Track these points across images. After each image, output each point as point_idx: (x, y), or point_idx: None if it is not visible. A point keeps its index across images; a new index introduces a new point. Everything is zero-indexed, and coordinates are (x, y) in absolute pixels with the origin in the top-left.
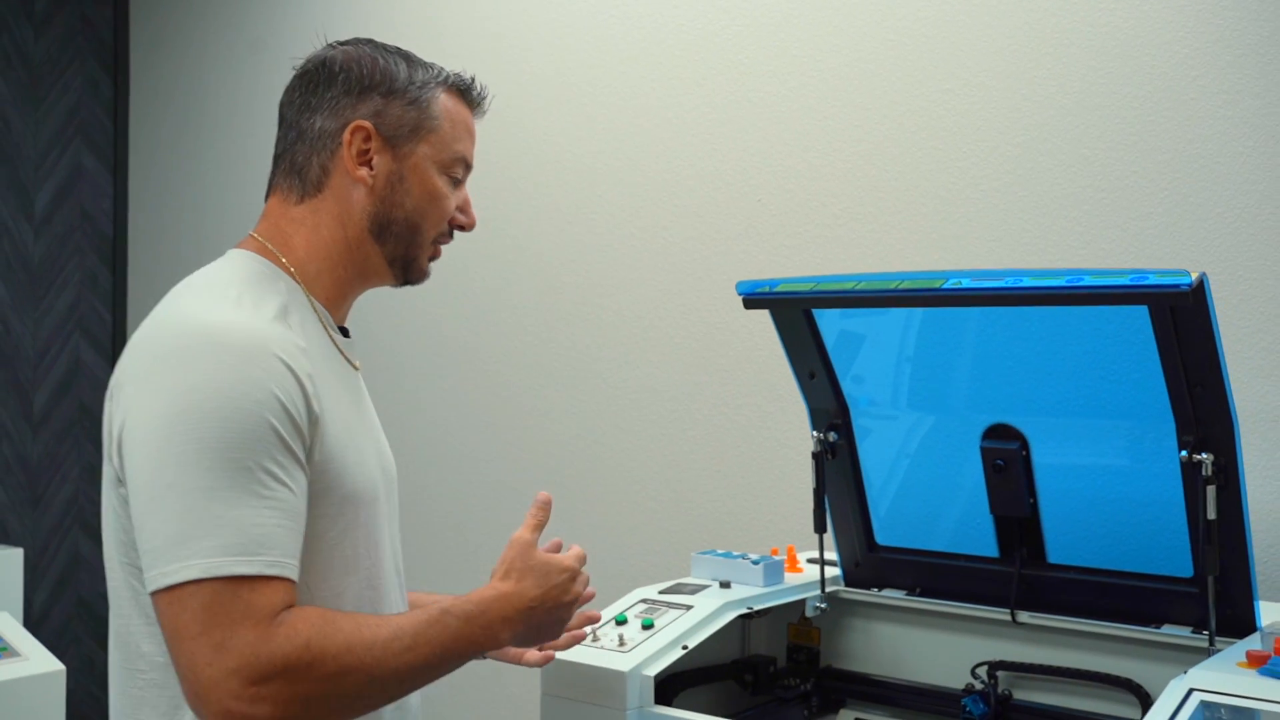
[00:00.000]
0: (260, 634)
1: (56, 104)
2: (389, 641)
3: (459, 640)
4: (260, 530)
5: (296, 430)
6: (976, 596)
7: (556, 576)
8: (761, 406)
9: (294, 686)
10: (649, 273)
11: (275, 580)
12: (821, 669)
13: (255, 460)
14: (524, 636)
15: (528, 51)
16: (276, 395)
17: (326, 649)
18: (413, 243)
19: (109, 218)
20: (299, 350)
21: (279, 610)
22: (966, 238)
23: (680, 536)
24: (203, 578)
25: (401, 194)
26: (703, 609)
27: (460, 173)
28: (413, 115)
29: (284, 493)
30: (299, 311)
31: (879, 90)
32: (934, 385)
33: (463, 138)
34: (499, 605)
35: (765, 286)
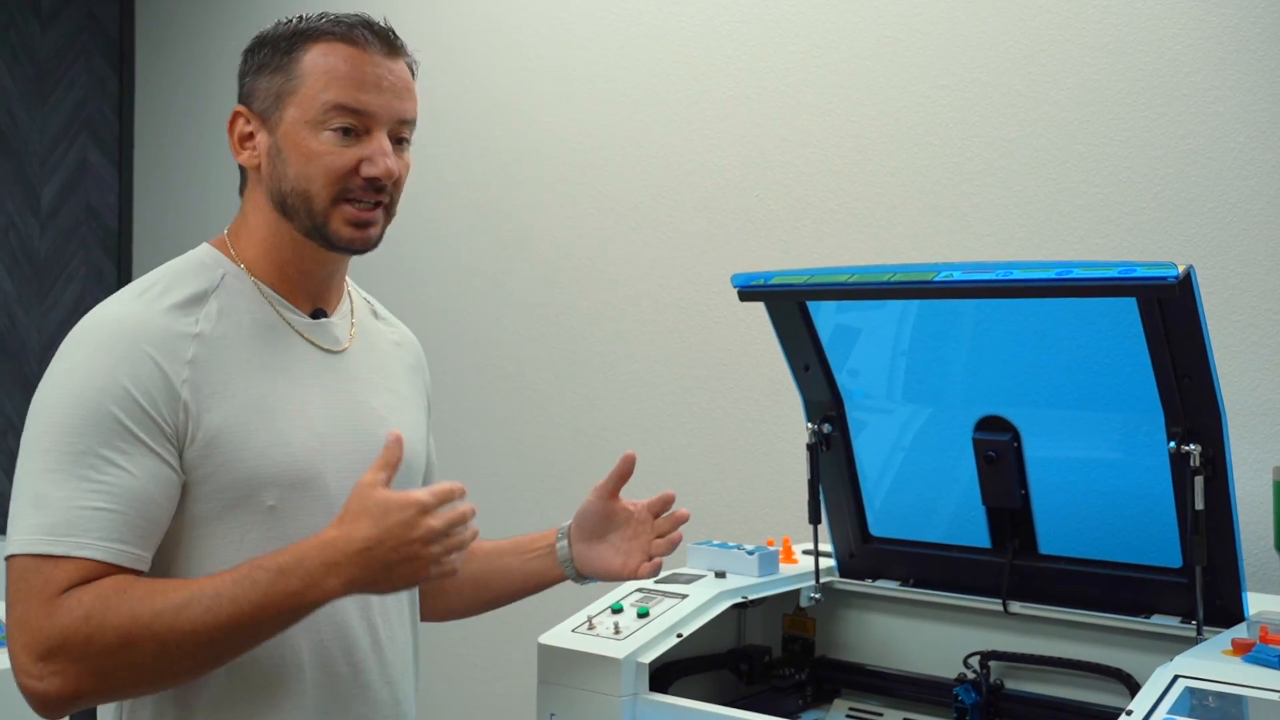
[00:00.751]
0: (45, 610)
1: (62, 100)
2: (182, 606)
3: (272, 594)
4: (75, 513)
5: (149, 418)
6: (969, 587)
7: (398, 513)
8: (757, 400)
9: (78, 661)
10: (645, 266)
11: (79, 561)
12: (816, 659)
13: (89, 446)
14: (372, 581)
15: (525, 45)
16: (123, 385)
17: (107, 620)
18: (312, 211)
19: (114, 213)
20: (184, 338)
21: (72, 585)
22: (961, 232)
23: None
24: (16, 554)
25: (282, 165)
26: (698, 598)
27: (344, 120)
28: (277, 82)
29: (117, 476)
30: (233, 297)
31: (875, 87)
32: (927, 378)
33: (333, 85)
34: (319, 552)
35: (760, 279)
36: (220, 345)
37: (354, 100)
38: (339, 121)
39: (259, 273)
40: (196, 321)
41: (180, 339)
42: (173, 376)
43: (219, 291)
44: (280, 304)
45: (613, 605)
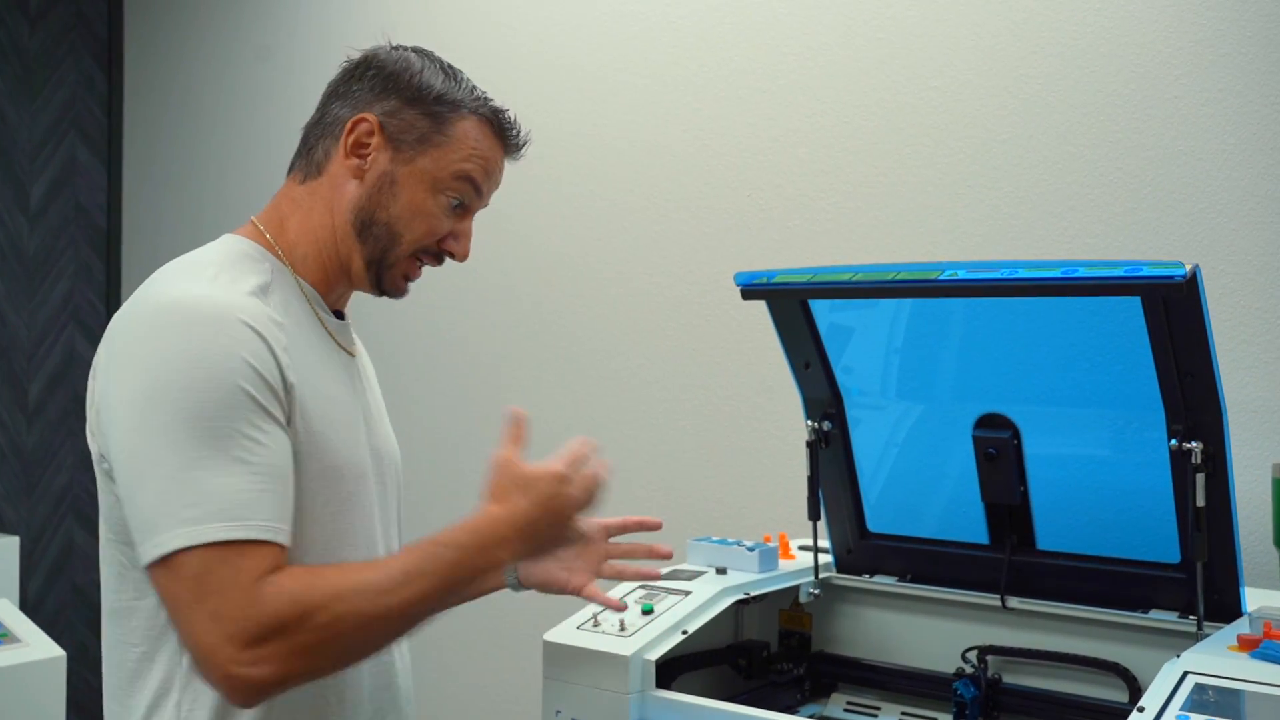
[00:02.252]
0: (248, 597)
1: (51, 98)
2: (381, 581)
3: (456, 568)
4: (244, 495)
5: (272, 393)
6: (967, 582)
7: (546, 486)
8: (751, 398)
9: (290, 641)
10: (639, 265)
11: (263, 545)
12: (813, 654)
13: (232, 426)
14: (530, 551)
15: (519, 45)
16: (247, 360)
17: (314, 599)
18: (390, 249)
19: (103, 211)
20: (273, 323)
21: (265, 573)
22: (954, 231)
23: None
24: (191, 545)
25: (389, 196)
26: (701, 594)
27: (463, 195)
28: (425, 124)
29: (265, 454)
30: (282, 291)
31: (868, 87)
32: (926, 375)
33: (473, 162)
34: (492, 528)
35: (763, 277)
36: (295, 337)
37: (482, 183)
38: (458, 194)
39: (303, 270)
40: (273, 310)
41: (274, 325)
42: (279, 357)
43: (273, 285)
44: (316, 302)
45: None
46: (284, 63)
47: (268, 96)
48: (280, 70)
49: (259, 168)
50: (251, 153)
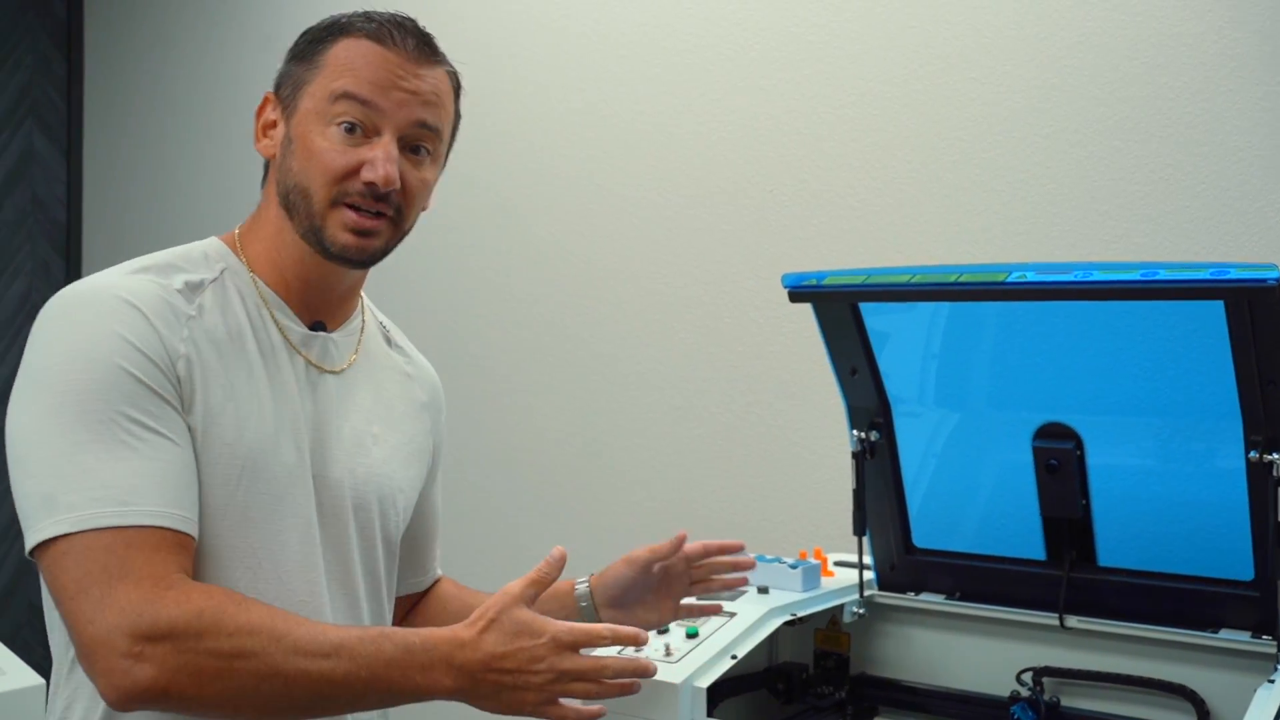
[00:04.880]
0: (145, 594)
1: (6, 83)
2: (304, 642)
3: (392, 669)
4: (132, 481)
5: (160, 372)
6: (1021, 600)
7: (528, 640)
8: (771, 404)
9: (182, 654)
10: (653, 265)
11: (153, 534)
12: (855, 676)
13: (116, 408)
14: (481, 695)
15: (534, 40)
16: (125, 338)
17: (223, 623)
18: (310, 210)
19: (62, 204)
20: (172, 310)
21: (167, 567)
22: (990, 230)
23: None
24: (73, 531)
25: (290, 157)
26: (747, 616)
27: (349, 114)
28: (300, 69)
29: (158, 441)
30: (229, 295)
31: (899, 79)
32: (980, 382)
33: (345, 76)
34: (446, 648)
35: (812, 279)
36: (212, 338)
37: (364, 92)
38: (345, 116)
39: (260, 271)
40: (190, 306)
41: (179, 316)
42: (170, 348)
43: (216, 284)
44: (277, 307)
45: None
46: (256, 46)
47: (239, 81)
48: (252, 53)
49: (229, 157)
50: (221, 141)
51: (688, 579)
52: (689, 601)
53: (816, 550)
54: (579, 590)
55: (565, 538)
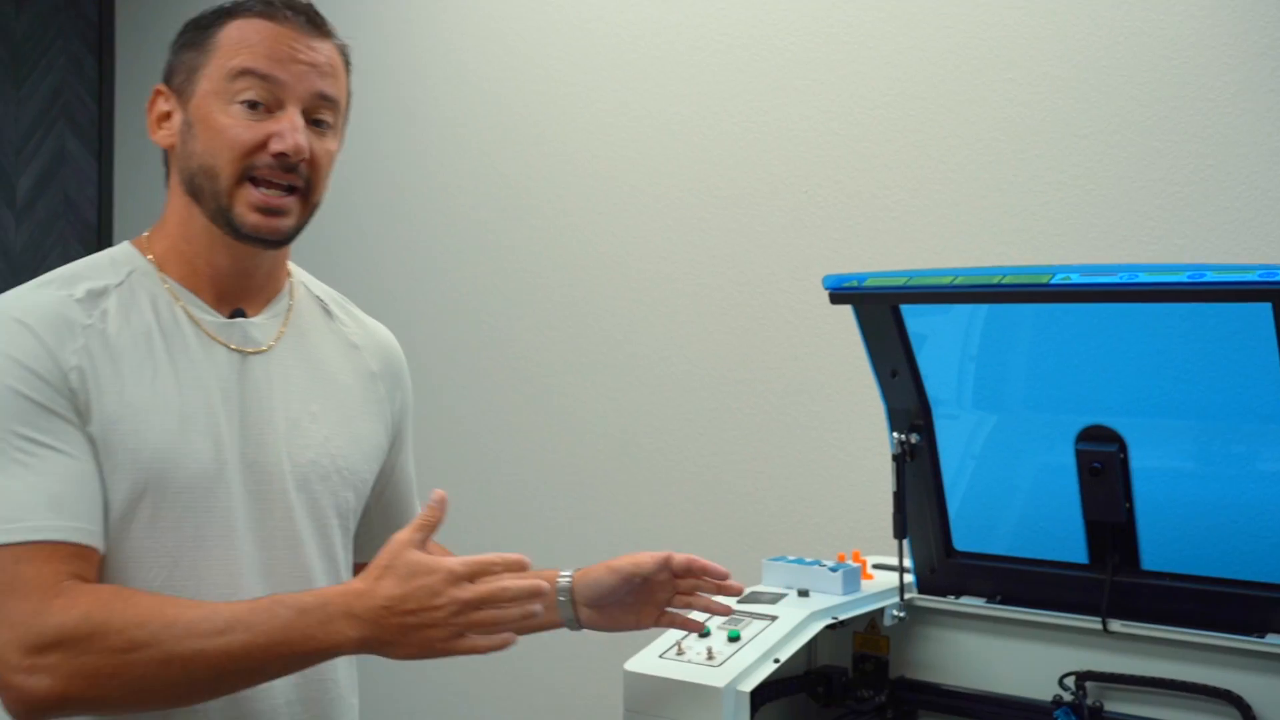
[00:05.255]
0: (34, 604)
1: (38, 85)
2: (196, 622)
3: (290, 632)
4: (23, 497)
5: (54, 390)
6: (1064, 604)
7: (424, 578)
8: (807, 406)
9: (75, 659)
10: (688, 267)
11: (45, 547)
12: (894, 679)
13: (7, 428)
14: (387, 642)
15: (568, 40)
16: (15, 359)
17: (111, 621)
18: (217, 189)
19: (93, 205)
20: (69, 323)
21: (57, 580)
22: (1027, 231)
23: (721, 539)
24: None
25: (191, 142)
26: (789, 620)
27: (252, 90)
28: (191, 55)
29: (52, 456)
30: (135, 295)
31: (936, 79)
32: (1022, 384)
33: (243, 52)
34: (343, 600)
35: (853, 281)
36: (113, 343)
37: (263, 66)
38: (247, 92)
39: (169, 268)
40: (89, 314)
41: (69, 326)
42: (60, 360)
43: (121, 288)
44: (190, 301)
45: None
46: None
47: None
48: None
49: None
50: None
51: (672, 589)
52: (673, 611)
53: (855, 553)
54: (560, 584)
55: (601, 539)
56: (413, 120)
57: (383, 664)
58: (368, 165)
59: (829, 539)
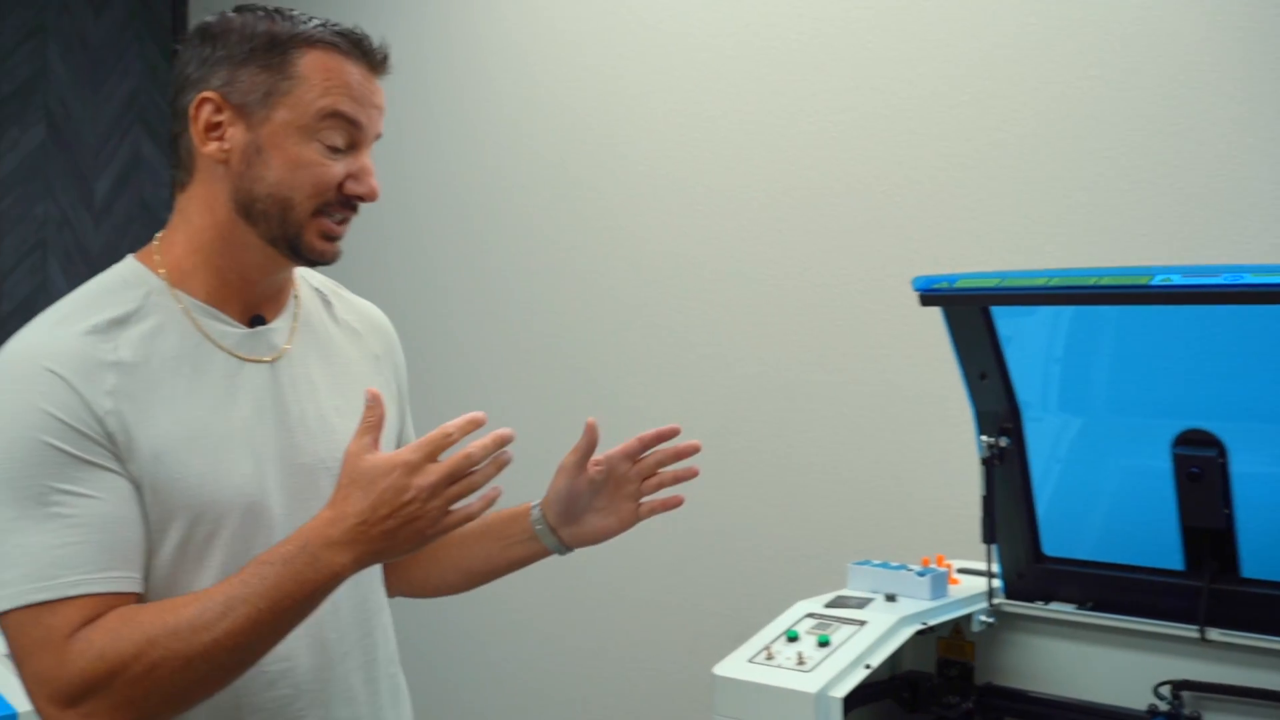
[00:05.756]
0: (54, 657)
1: (115, 89)
2: (196, 617)
3: (284, 584)
4: (59, 553)
5: (87, 440)
6: (1159, 611)
7: (384, 479)
8: (885, 409)
9: (108, 698)
10: (765, 268)
11: (78, 600)
12: (981, 686)
13: (41, 483)
14: (378, 551)
15: (640, 43)
16: (49, 413)
17: (123, 651)
18: (287, 220)
19: (167, 207)
20: (100, 365)
21: (76, 627)
22: (1115, 232)
23: (798, 545)
24: (9, 609)
25: (260, 167)
26: (878, 625)
27: (339, 132)
28: (265, 78)
29: (88, 505)
30: (158, 318)
31: (1020, 76)
32: (1117, 387)
33: (332, 94)
34: (320, 533)
35: (944, 282)
36: (144, 373)
37: (351, 112)
38: (333, 135)
39: (188, 284)
40: (116, 348)
41: (99, 367)
42: (93, 405)
43: (141, 313)
44: (210, 316)
45: (788, 633)
46: None
47: None
48: None
49: None
50: None
51: (637, 478)
52: (648, 500)
53: (939, 558)
54: (533, 514)
55: (674, 541)
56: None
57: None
58: (435, 168)
59: (910, 544)
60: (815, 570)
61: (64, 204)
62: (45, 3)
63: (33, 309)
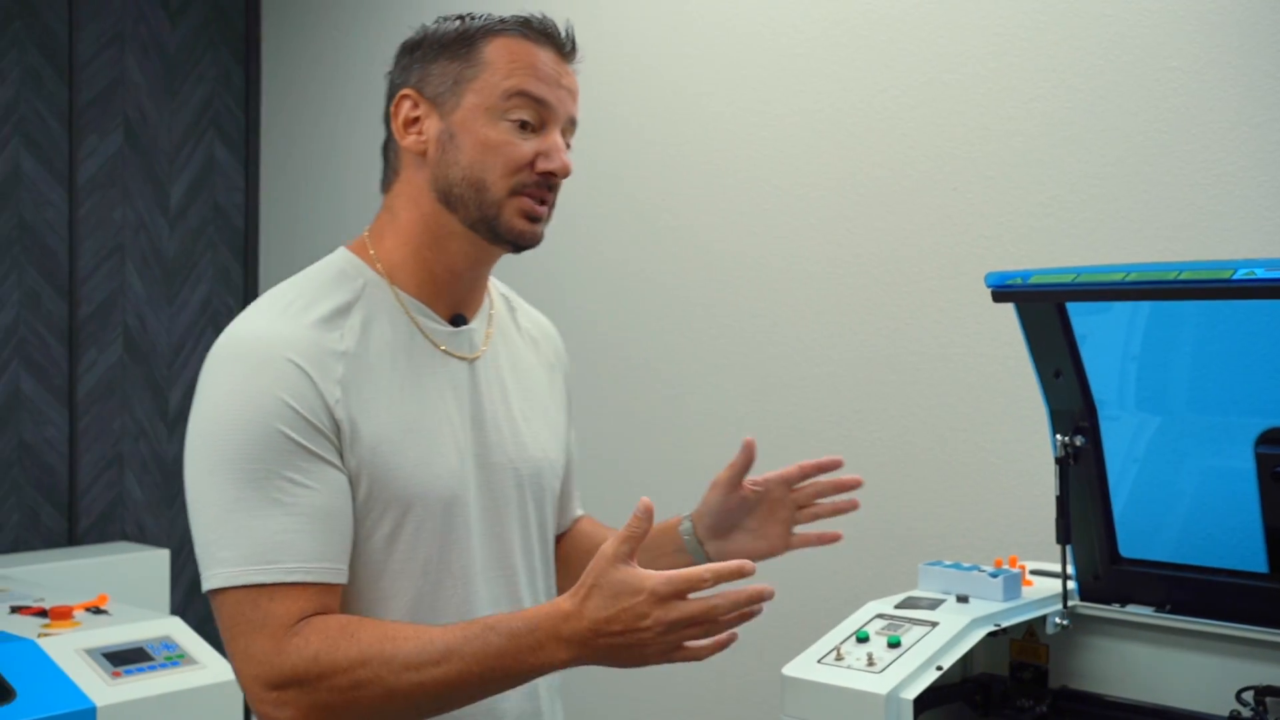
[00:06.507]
0: (274, 644)
1: (190, 95)
2: (412, 656)
3: (504, 658)
4: (280, 538)
5: (316, 431)
6: (1241, 615)
7: (629, 599)
8: (955, 408)
9: (310, 695)
10: (832, 266)
11: (295, 587)
12: (1056, 690)
13: (270, 468)
14: (599, 659)
15: (704, 41)
16: (286, 401)
17: (337, 662)
18: (484, 201)
19: (241, 211)
20: (330, 355)
21: (296, 618)
22: (1194, 227)
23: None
24: (225, 586)
25: (454, 152)
26: (949, 626)
27: (525, 110)
28: (454, 68)
29: (308, 495)
30: (371, 306)
31: (1092, 71)
32: (1194, 385)
33: (517, 74)
34: (551, 623)
35: (1017, 278)
36: (365, 363)
37: (537, 90)
38: (519, 112)
39: (400, 278)
40: (342, 337)
41: (330, 356)
42: (326, 395)
43: (360, 304)
44: (420, 312)
45: (858, 634)
46: None
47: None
48: None
49: None
50: None
51: (792, 505)
52: (803, 530)
53: (1012, 559)
54: (683, 527)
55: None
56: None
57: None
58: None
59: (982, 545)
60: (887, 571)
61: (140, 209)
62: (123, 11)
63: (111, 312)
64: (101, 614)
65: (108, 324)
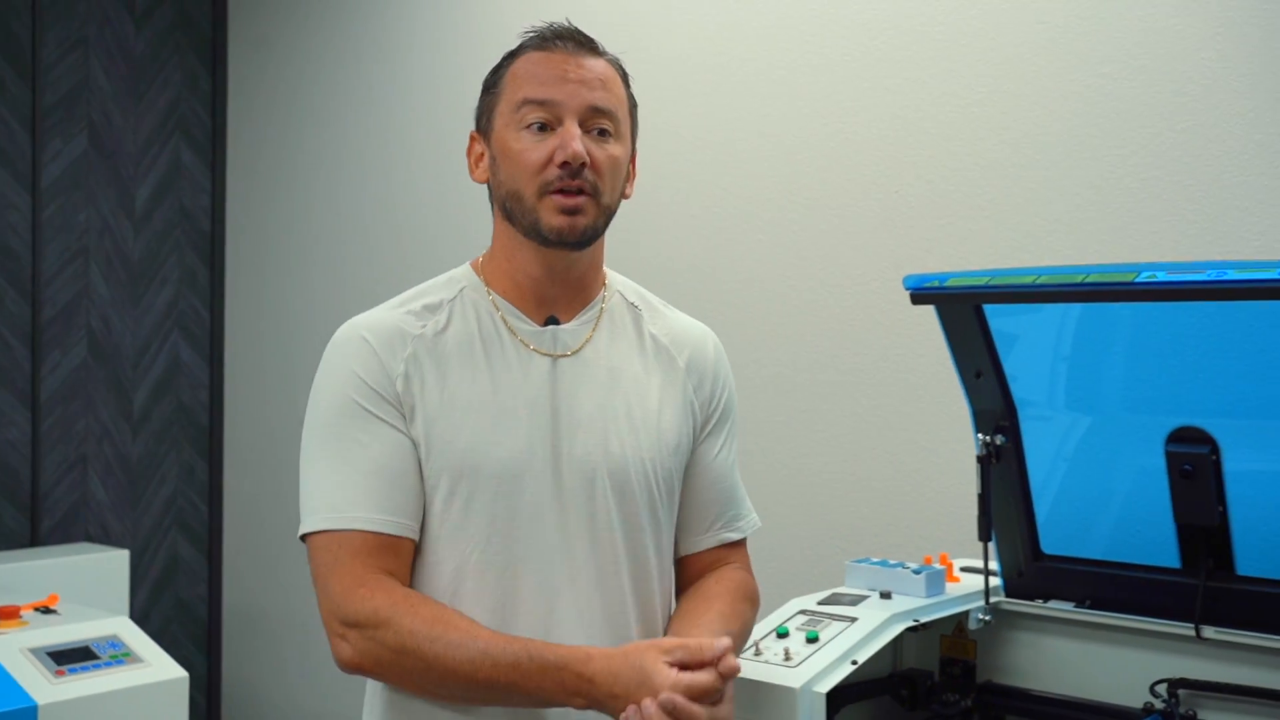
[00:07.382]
0: (343, 587)
1: (156, 99)
2: (453, 643)
3: (528, 680)
4: (346, 493)
5: (380, 399)
6: (1155, 609)
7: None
8: (897, 408)
9: (365, 641)
10: (776, 267)
11: (359, 535)
12: (981, 684)
13: (345, 431)
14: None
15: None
16: (356, 373)
17: (393, 625)
18: (524, 209)
19: (207, 214)
20: (404, 337)
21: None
22: (1124, 230)
23: (812, 542)
24: (309, 532)
25: (498, 173)
26: (868, 621)
27: (535, 114)
28: (488, 100)
29: (370, 453)
30: (466, 308)
31: (1027, 76)
32: (1109, 384)
33: (523, 83)
34: (576, 682)
35: (934, 281)
36: (440, 347)
37: (539, 93)
38: (531, 116)
39: (496, 284)
40: (424, 326)
41: (401, 337)
42: (389, 367)
43: (455, 302)
44: (510, 313)
45: (778, 629)
46: (397, 59)
47: (378, 95)
48: (393, 67)
49: (370, 169)
50: (362, 153)
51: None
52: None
53: (942, 556)
54: None
55: None
56: None
57: None
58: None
59: (919, 541)
60: (825, 568)
61: (105, 212)
62: (88, 16)
63: (75, 314)
64: (50, 614)
65: (71, 326)
